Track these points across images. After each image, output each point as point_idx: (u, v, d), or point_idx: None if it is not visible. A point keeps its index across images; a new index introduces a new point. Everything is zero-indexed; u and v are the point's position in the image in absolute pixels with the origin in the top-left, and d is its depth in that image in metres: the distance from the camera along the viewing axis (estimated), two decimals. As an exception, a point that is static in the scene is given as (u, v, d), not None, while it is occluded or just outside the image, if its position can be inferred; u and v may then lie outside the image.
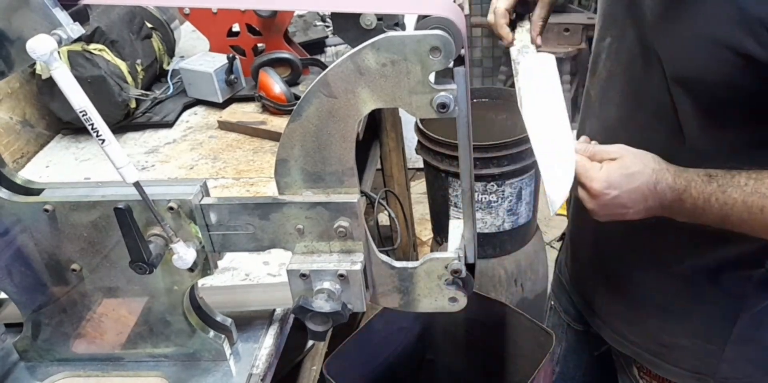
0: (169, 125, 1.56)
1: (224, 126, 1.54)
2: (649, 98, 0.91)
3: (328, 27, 1.91)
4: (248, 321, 0.93)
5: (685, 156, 0.88)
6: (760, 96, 0.78)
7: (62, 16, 0.64)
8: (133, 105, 1.54)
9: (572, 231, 1.29)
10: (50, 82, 1.43)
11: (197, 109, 1.65)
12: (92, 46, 1.45)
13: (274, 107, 1.52)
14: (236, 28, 1.72)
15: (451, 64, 0.64)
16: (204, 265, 0.79)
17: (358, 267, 0.74)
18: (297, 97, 1.51)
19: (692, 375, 1.08)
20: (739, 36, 0.75)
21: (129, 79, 1.51)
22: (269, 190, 1.28)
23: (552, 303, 1.40)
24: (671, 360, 1.09)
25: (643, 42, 0.89)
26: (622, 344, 1.16)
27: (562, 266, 1.34)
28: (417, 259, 0.77)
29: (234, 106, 1.61)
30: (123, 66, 1.50)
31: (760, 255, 0.93)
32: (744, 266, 0.95)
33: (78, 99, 0.63)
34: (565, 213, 1.31)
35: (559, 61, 3.22)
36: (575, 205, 1.20)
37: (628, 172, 0.83)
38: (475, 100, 2.03)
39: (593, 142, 0.92)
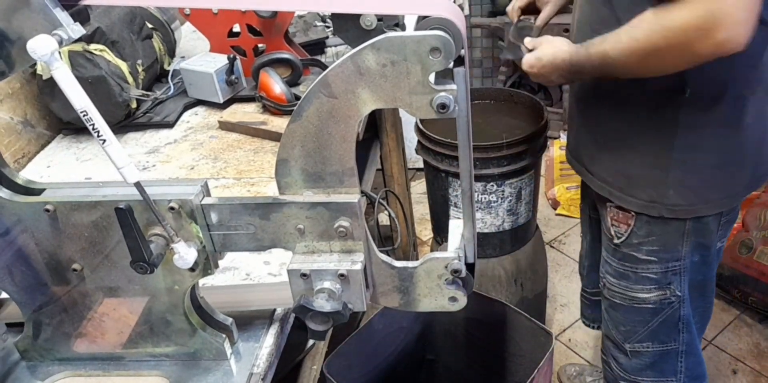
0: (169, 125, 1.56)
1: (225, 126, 1.54)
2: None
3: (328, 27, 1.91)
4: (249, 321, 0.93)
5: (615, 21, 1.13)
6: None
7: (63, 16, 0.64)
8: (133, 105, 1.54)
9: (569, 107, 1.55)
10: (51, 83, 1.44)
11: (198, 109, 1.65)
12: (93, 47, 1.45)
13: (274, 107, 1.52)
14: (237, 28, 1.72)
15: (450, 65, 0.64)
16: (205, 265, 0.79)
17: (359, 266, 0.74)
18: (297, 98, 1.52)
19: (647, 204, 1.30)
20: None
21: (130, 79, 1.52)
22: (270, 190, 1.28)
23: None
24: (631, 191, 1.32)
25: None
26: (601, 186, 1.38)
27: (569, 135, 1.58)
28: (417, 259, 0.77)
29: (234, 107, 1.61)
30: (124, 66, 1.50)
31: (681, 84, 1.16)
32: (670, 95, 1.18)
33: (79, 99, 0.63)
34: (565, 213, 1.35)
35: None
36: (571, 91, 1.54)
37: (537, 55, 1.23)
38: (475, 101, 2.03)
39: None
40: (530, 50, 1.27)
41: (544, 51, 1.21)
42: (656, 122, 1.23)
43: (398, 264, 0.78)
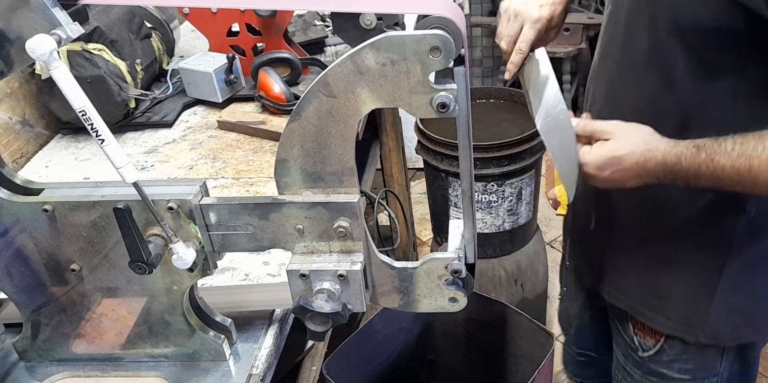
0: (168, 125, 1.56)
1: (224, 126, 1.54)
2: (642, 53, 0.97)
3: (327, 27, 1.91)
4: (248, 322, 0.93)
5: (676, 108, 0.95)
6: (748, 41, 0.85)
7: (61, 15, 0.64)
8: (132, 105, 1.53)
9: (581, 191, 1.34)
10: (50, 82, 1.43)
11: (197, 108, 1.65)
12: (91, 46, 1.44)
13: (273, 107, 1.52)
14: (236, 27, 1.71)
15: (451, 64, 0.64)
16: (203, 265, 0.79)
17: (358, 267, 0.74)
18: (297, 97, 1.51)
19: (683, 327, 1.11)
20: None
21: (128, 78, 1.51)
22: (269, 189, 1.28)
23: (567, 263, 1.43)
24: (663, 311, 1.13)
25: (637, 2, 0.95)
26: (618, 298, 1.19)
27: (569, 226, 1.38)
28: (417, 259, 0.77)
29: (234, 106, 1.61)
30: (122, 66, 1.50)
31: (743, 202, 0.98)
32: (729, 212, 1.00)
33: (77, 99, 0.63)
34: (565, 213, 1.32)
35: (559, 61, 3.23)
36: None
37: (617, 154, 0.89)
38: (475, 100, 2.03)
39: (585, 116, 0.98)
40: (587, 142, 0.93)
41: (623, 146, 0.89)
42: (706, 240, 1.04)
43: (398, 264, 0.78)
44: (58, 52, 0.62)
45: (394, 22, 1.12)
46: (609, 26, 1.06)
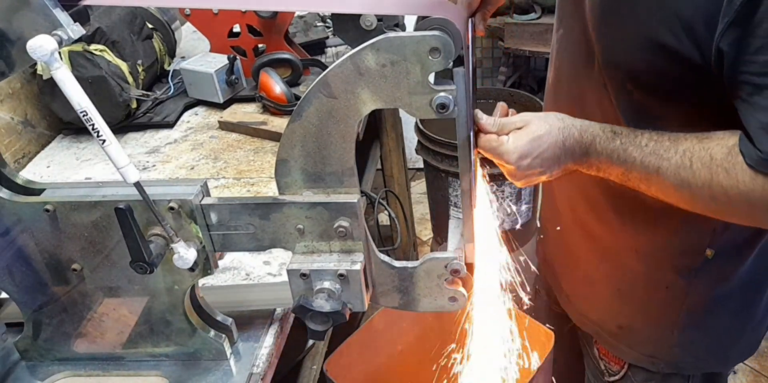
0: (169, 125, 1.57)
1: (225, 126, 1.54)
2: (590, 88, 0.95)
3: (328, 28, 1.91)
4: (249, 321, 0.93)
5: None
6: (681, 81, 0.82)
7: (63, 16, 0.64)
8: (134, 105, 1.54)
9: (543, 217, 1.33)
10: (51, 83, 1.44)
11: (198, 109, 1.65)
12: (93, 47, 1.45)
13: (274, 107, 1.52)
14: (237, 28, 1.72)
15: (450, 65, 0.64)
16: (204, 265, 0.79)
17: (358, 266, 0.74)
18: (297, 98, 1.52)
19: (645, 357, 1.11)
20: (658, 29, 0.79)
21: (130, 79, 1.52)
22: (270, 190, 1.28)
23: (537, 287, 1.41)
24: (626, 341, 1.12)
25: (585, 35, 0.92)
26: (584, 322, 1.19)
27: (537, 248, 1.37)
28: (417, 259, 0.77)
29: (235, 107, 1.61)
30: (124, 66, 1.50)
31: (701, 245, 0.97)
32: (687, 254, 0.99)
33: (79, 99, 0.63)
34: None
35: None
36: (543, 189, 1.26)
37: (535, 135, 0.84)
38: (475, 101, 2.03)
39: (497, 117, 0.89)
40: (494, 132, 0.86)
41: (539, 127, 0.84)
42: (667, 279, 1.03)
43: (398, 264, 0.78)
44: (59, 53, 0.62)
45: (394, 23, 1.12)
46: (560, 52, 1.04)
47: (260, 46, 1.72)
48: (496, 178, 1.79)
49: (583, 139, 0.84)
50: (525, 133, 0.85)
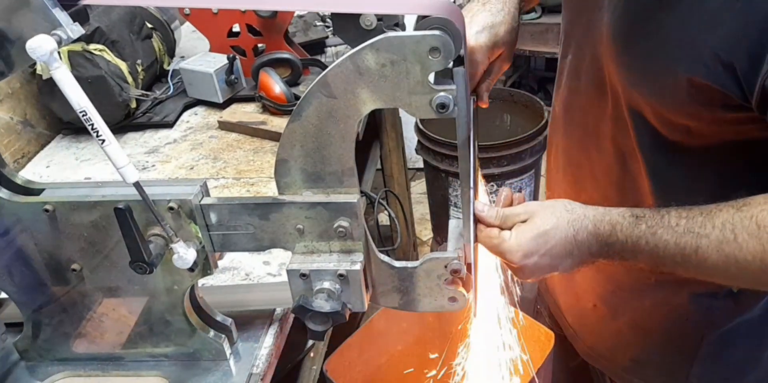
0: (169, 125, 1.56)
1: (224, 126, 1.54)
2: (603, 120, 0.90)
3: (328, 27, 1.91)
4: (248, 321, 0.93)
5: (646, 185, 0.87)
6: (714, 119, 0.76)
7: (62, 16, 0.64)
8: (133, 105, 1.54)
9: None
10: (51, 83, 1.43)
11: (197, 109, 1.65)
12: (92, 47, 1.45)
13: (274, 107, 1.52)
14: (236, 28, 1.72)
15: (450, 65, 0.64)
16: (204, 265, 0.79)
17: (358, 267, 0.74)
18: (297, 97, 1.52)
19: None
20: (691, 65, 0.72)
21: (129, 79, 1.52)
22: (269, 190, 1.28)
23: (538, 306, 1.38)
24: (641, 375, 1.07)
25: (598, 64, 0.88)
26: (594, 358, 1.14)
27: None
28: (417, 259, 0.77)
29: (234, 106, 1.61)
30: (123, 66, 1.50)
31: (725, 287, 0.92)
32: (710, 283, 0.93)
33: (78, 99, 0.63)
34: None
35: (556, 62, 3.23)
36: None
37: (540, 231, 0.76)
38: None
39: (500, 207, 0.81)
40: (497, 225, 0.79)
41: (545, 221, 0.77)
42: (686, 313, 0.98)
43: (398, 264, 0.78)
44: (58, 53, 0.62)
45: (394, 22, 1.12)
46: (570, 80, 0.97)
47: (260, 45, 1.72)
48: (496, 178, 1.79)
49: (599, 230, 0.75)
50: (529, 228, 0.77)
